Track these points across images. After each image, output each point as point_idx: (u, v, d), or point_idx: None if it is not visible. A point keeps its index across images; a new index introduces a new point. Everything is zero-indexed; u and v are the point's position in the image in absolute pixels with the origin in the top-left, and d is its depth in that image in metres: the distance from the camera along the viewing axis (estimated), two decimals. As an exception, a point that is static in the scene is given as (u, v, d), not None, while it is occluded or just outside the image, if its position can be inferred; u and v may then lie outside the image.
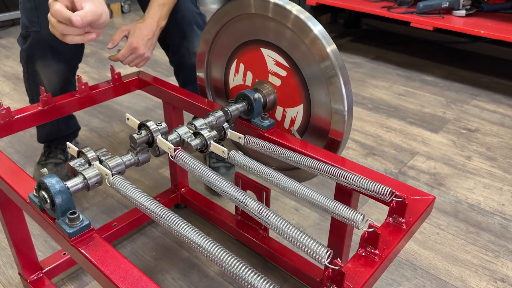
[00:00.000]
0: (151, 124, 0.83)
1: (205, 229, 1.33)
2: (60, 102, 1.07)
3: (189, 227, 0.64)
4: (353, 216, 0.68)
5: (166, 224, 0.66)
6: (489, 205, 1.44)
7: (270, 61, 1.03)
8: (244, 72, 1.10)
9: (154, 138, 0.83)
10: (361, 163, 1.68)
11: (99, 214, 1.37)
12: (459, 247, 1.28)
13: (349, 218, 0.69)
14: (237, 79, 1.12)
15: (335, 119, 0.94)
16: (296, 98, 1.00)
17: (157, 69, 2.49)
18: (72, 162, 0.78)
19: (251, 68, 1.08)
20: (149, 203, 0.69)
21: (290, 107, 1.03)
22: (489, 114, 2.02)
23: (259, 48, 1.04)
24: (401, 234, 0.71)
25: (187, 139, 0.87)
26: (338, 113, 0.93)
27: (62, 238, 0.68)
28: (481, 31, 2.10)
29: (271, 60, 1.02)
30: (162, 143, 0.83)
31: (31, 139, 1.77)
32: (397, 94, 2.20)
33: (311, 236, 0.63)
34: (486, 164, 1.66)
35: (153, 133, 0.83)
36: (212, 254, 0.60)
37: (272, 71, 1.03)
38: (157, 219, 0.68)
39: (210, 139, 0.88)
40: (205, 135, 0.87)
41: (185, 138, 0.87)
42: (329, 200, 0.72)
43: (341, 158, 0.90)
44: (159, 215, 0.67)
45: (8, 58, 2.61)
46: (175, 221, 0.65)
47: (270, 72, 1.04)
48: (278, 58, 1.01)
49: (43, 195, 0.68)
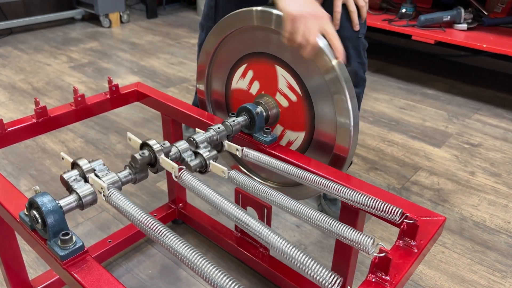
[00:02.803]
0: (154, 143, 0.80)
1: (203, 246, 1.28)
2: (55, 114, 1.04)
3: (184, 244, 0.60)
4: (362, 240, 0.64)
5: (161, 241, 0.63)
6: (494, 223, 1.41)
7: (283, 81, 1.00)
8: (251, 79, 1.07)
9: (157, 158, 0.80)
10: (364, 178, 1.66)
11: (94, 230, 1.33)
12: (466, 267, 1.24)
13: (357, 242, 0.65)
14: (242, 83, 1.09)
15: (341, 134, 0.91)
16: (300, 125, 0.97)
17: (156, 79, 2.46)
18: (66, 174, 0.74)
19: (260, 79, 1.05)
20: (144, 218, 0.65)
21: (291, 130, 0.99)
22: (492, 128, 2.00)
23: (273, 65, 1.00)
24: (412, 258, 0.67)
25: (186, 159, 0.83)
26: (344, 127, 0.90)
27: (54, 260, 0.64)
28: (483, 45, 2.08)
29: (284, 80, 0.99)
30: (165, 163, 0.80)
31: (25, 150, 1.73)
32: (398, 108, 2.18)
33: (315, 259, 0.59)
34: (490, 180, 1.62)
35: (156, 153, 0.80)
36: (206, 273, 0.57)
37: (282, 92, 1.00)
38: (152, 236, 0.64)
39: (210, 159, 0.84)
40: (204, 155, 0.84)
41: (185, 157, 0.84)
42: (335, 222, 0.69)
43: (346, 175, 0.87)
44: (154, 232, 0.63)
45: (4, 67, 2.58)
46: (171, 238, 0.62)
47: (279, 91, 1.00)
48: (292, 82, 0.97)
49: (34, 215, 0.64)
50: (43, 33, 3.22)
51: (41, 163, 1.66)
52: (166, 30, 3.35)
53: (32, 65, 2.62)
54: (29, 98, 2.19)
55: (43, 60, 2.71)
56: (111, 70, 2.57)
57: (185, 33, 3.29)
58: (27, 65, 2.61)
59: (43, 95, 2.23)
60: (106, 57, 2.78)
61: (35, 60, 2.70)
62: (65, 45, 2.98)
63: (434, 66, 2.73)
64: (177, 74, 2.55)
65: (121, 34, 3.26)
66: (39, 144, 1.78)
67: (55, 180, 1.56)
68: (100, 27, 3.36)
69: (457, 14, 2.24)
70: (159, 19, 3.65)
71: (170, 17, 3.70)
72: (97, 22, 3.42)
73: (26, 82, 2.38)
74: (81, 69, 2.57)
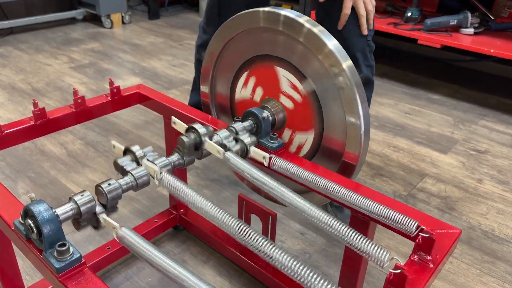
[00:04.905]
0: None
1: (204, 253, 1.25)
2: (54, 117, 1.00)
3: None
4: (377, 254, 0.61)
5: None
6: (503, 232, 1.37)
7: (285, 82, 0.96)
8: (253, 86, 1.03)
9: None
10: (369, 185, 1.62)
11: (93, 235, 1.29)
12: (475, 278, 1.20)
13: (372, 255, 0.62)
14: (245, 92, 1.05)
15: (350, 141, 0.87)
16: (307, 124, 0.94)
17: (157, 81, 2.43)
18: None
19: (262, 84, 1.02)
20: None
21: (300, 131, 0.96)
22: (498, 135, 1.96)
23: (273, 67, 0.97)
24: (428, 274, 0.64)
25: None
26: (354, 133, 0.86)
27: (49, 272, 0.61)
28: (490, 50, 2.05)
29: (286, 81, 0.96)
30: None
31: (23, 152, 1.70)
32: (403, 113, 2.15)
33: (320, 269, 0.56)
34: (498, 188, 1.59)
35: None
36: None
37: (286, 93, 0.96)
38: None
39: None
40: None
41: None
42: (351, 232, 0.65)
43: (356, 184, 0.83)
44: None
45: (4, 67, 2.55)
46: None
47: (282, 93, 0.97)
48: (294, 81, 0.94)
49: (29, 224, 0.61)
50: (44, 33, 3.18)
51: (40, 166, 1.62)
52: (168, 32, 3.32)
53: (33, 65, 2.58)
54: (28, 99, 2.15)
55: (43, 60, 2.67)
56: (112, 71, 2.54)
57: (187, 35, 3.25)
58: (27, 65, 2.58)
59: (43, 96, 2.20)
60: (107, 58, 2.74)
61: (36, 60, 2.66)
62: (66, 45, 2.95)
63: (438, 70, 2.70)
64: (179, 76, 2.51)
65: (123, 35, 3.23)
66: (38, 146, 1.74)
67: (53, 184, 1.53)
68: (101, 27, 3.33)
69: (464, 18, 2.21)
70: (161, 20, 3.62)
71: (172, 19, 3.67)
72: (98, 22, 3.38)
73: (26, 83, 2.35)
74: (82, 70, 2.54)
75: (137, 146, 0.78)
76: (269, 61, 0.97)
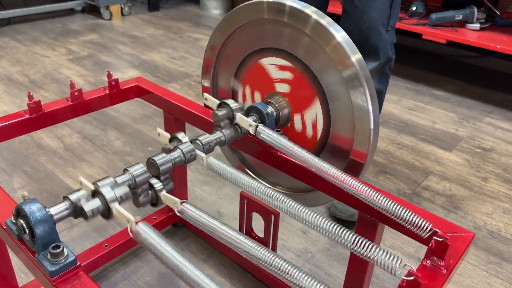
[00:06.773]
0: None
1: (204, 252, 1.22)
2: (50, 110, 0.97)
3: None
4: (389, 261, 0.57)
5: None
6: (510, 233, 1.34)
7: (272, 69, 0.94)
8: (251, 94, 1.01)
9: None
10: (372, 182, 1.59)
11: (89, 232, 1.26)
12: (481, 279, 1.18)
13: (383, 262, 0.58)
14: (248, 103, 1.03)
15: (358, 138, 0.84)
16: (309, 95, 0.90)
17: (157, 74, 2.39)
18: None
19: (257, 87, 0.99)
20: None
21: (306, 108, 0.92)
22: (504, 132, 1.93)
23: (257, 61, 0.95)
24: (441, 280, 0.60)
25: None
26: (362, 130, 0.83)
27: (42, 275, 0.58)
28: (496, 45, 2.01)
29: (273, 67, 0.93)
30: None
31: (20, 146, 1.66)
32: (407, 109, 2.11)
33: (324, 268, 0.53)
34: (504, 187, 1.56)
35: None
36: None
37: (278, 79, 0.94)
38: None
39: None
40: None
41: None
42: (358, 238, 0.62)
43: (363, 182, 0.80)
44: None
45: (1, 58, 2.50)
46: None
47: (275, 81, 0.94)
48: (279, 61, 0.92)
49: (21, 224, 0.58)
50: (42, 24, 3.14)
51: (36, 160, 1.59)
52: (168, 24, 3.27)
53: (30, 57, 2.54)
54: (25, 91, 2.11)
55: (41, 51, 2.63)
56: (111, 64, 2.50)
57: (187, 27, 3.21)
58: (24, 57, 2.54)
59: (39, 88, 2.16)
60: (106, 50, 2.70)
61: (33, 52, 2.62)
62: (64, 36, 2.90)
63: (442, 66, 2.66)
64: (179, 69, 2.47)
65: (122, 26, 3.18)
66: (34, 139, 1.71)
67: (50, 178, 1.49)
68: (100, 19, 3.28)
69: (470, 13, 2.17)
70: (161, 12, 3.57)
71: (172, 11, 3.62)
72: (97, 14, 3.33)
73: (23, 74, 2.30)
74: (80, 62, 2.50)
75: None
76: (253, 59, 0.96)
